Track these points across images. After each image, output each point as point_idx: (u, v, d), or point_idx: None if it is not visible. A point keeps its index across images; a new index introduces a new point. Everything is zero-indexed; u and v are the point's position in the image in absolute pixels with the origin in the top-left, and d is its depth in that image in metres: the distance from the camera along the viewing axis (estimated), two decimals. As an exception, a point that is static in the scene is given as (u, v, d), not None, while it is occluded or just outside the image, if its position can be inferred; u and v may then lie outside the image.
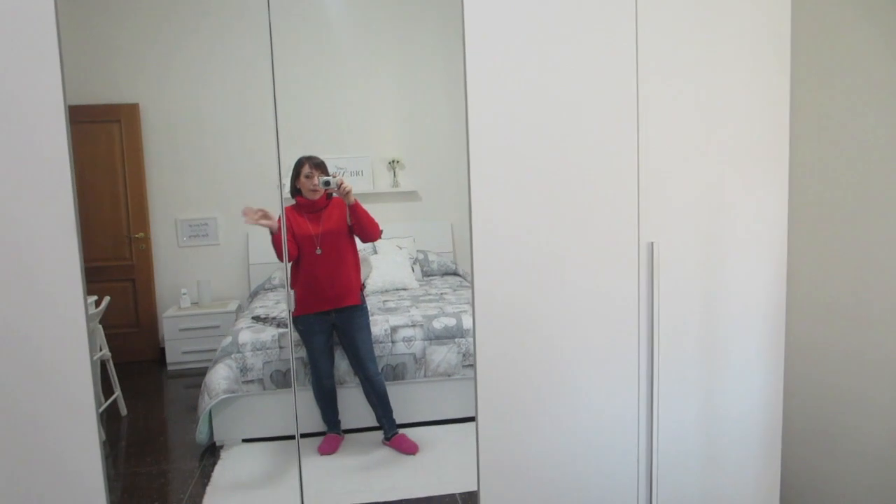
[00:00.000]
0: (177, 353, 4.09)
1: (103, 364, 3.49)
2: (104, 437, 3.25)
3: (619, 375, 2.05)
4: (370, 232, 3.08)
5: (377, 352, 3.30)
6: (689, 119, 2.01)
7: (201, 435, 3.24)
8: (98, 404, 1.81)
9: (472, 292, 1.94)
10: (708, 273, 2.08)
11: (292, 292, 2.68)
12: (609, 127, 1.96)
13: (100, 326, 3.41)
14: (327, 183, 2.93)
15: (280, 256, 2.78)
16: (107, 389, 3.53)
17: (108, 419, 3.56)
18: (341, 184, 2.95)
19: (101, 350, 3.45)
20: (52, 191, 1.72)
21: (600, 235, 1.99)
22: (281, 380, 3.28)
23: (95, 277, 1.73)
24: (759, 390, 2.16)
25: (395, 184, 4.63)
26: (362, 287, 3.26)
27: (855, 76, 2.08)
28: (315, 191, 3.00)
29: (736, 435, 2.16)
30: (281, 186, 2.68)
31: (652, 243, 2.01)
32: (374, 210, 3.13)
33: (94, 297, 3.34)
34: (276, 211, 3.06)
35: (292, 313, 2.63)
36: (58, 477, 1.82)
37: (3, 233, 1.72)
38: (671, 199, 2.03)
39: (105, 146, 4.03)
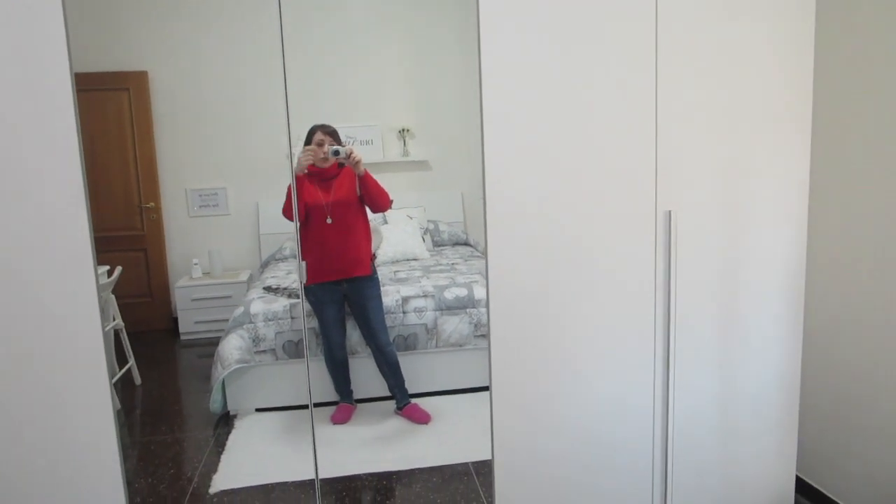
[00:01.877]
0: (189, 323, 4.12)
1: (117, 334, 3.51)
2: (119, 406, 3.29)
3: (635, 347, 2.03)
4: (380, 202, 3.05)
5: (389, 322, 3.29)
6: (709, 85, 1.95)
7: (215, 404, 3.26)
8: (112, 373, 1.81)
9: (486, 264, 1.91)
10: (727, 244, 2.04)
11: (303, 263, 2.66)
12: (626, 94, 1.91)
13: (112, 296, 3.42)
14: (337, 152, 2.89)
15: (290, 218, 2.75)
16: (121, 359, 3.55)
17: (123, 388, 3.59)
18: (351, 153, 2.91)
19: (114, 320, 3.46)
20: (60, 159, 1.70)
21: (616, 204, 1.95)
22: (293, 350, 3.29)
23: (107, 247, 1.72)
24: (777, 365, 2.14)
25: (406, 153, 4.59)
26: (373, 257, 3.25)
27: (880, 40, 2.01)
28: (326, 159, 2.96)
29: (753, 409, 2.14)
30: (291, 156, 2.64)
31: (669, 212, 1.97)
32: (384, 179, 3.10)
33: (107, 267, 3.35)
34: (286, 181, 3.03)
35: (303, 283, 2.61)
36: (73, 445, 1.83)
37: (12, 204, 1.71)
38: (689, 167, 1.98)
39: (114, 115, 4.00)
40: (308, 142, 3.03)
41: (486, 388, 2.00)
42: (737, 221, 2.03)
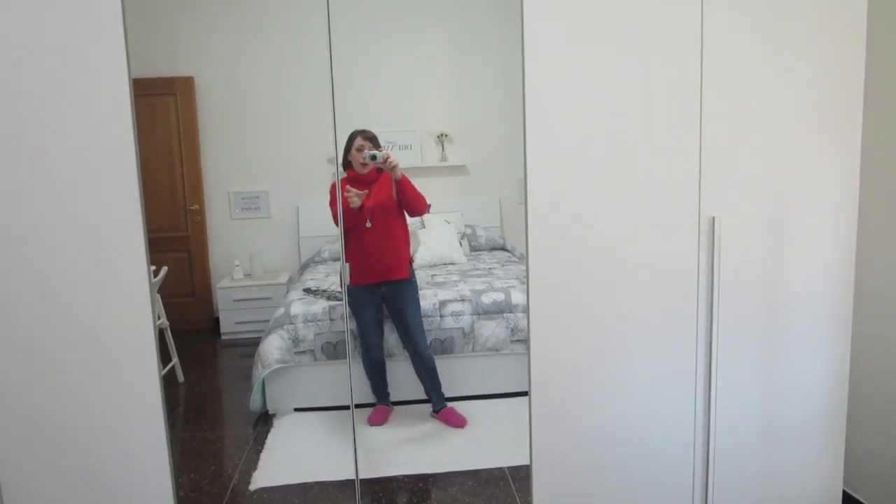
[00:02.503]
0: (230, 323, 4.19)
1: (161, 332, 3.60)
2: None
3: (678, 354, 2.01)
4: (416, 206, 3.08)
5: (426, 325, 3.31)
6: (755, 87, 1.92)
7: (255, 403, 3.32)
8: (159, 370, 1.87)
9: (527, 269, 1.91)
10: (772, 249, 2.01)
11: (347, 265, 2.70)
12: (670, 96, 1.89)
13: (158, 296, 3.51)
14: (374, 157, 2.93)
15: (337, 223, 2.80)
16: (164, 357, 3.64)
17: (166, 386, 3.65)
18: (387, 158, 2.94)
19: (159, 318, 3.55)
20: (118, 163, 1.76)
21: (659, 210, 1.94)
22: (331, 351, 3.33)
23: (153, 248, 1.78)
24: (824, 374, 2.09)
25: (444, 158, 4.61)
26: (411, 261, 3.27)
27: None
28: (364, 164, 3.00)
29: (798, 420, 2.10)
30: (338, 162, 2.69)
31: (713, 217, 1.95)
32: (422, 184, 3.12)
33: (153, 268, 3.43)
34: (326, 184, 3.07)
35: (346, 284, 2.65)
36: (123, 438, 1.89)
37: (70, 205, 1.77)
38: (734, 172, 1.96)
39: (161, 119, 4.11)
40: (348, 147, 3.08)
41: (522, 394, 2.01)
42: (783, 226, 2.00)
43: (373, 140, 3.05)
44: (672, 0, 1.85)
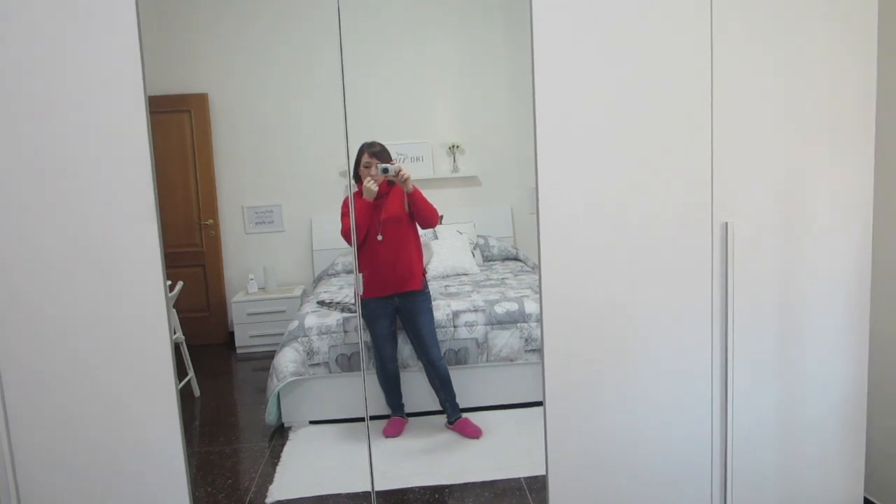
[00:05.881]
0: (245, 337, 4.22)
1: (177, 346, 3.63)
2: (179, 417, 3.38)
3: (693, 361, 2.00)
4: (428, 218, 3.09)
5: (440, 336, 3.31)
6: (767, 92, 1.92)
7: (270, 416, 3.33)
8: (176, 384, 1.89)
9: (539, 279, 1.91)
10: (787, 253, 1.99)
11: (360, 276, 2.71)
12: (681, 102, 1.90)
13: (174, 310, 3.55)
14: (385, 170, 2.94)
15: (349, 241, 2.82)
16: (180, 371, 3.67)
17: (182, 400, 3.68)
18: (399, 171, 2.95)
19: (175, 333, 3.58)
20: (135, 179, 1.79)
21: (672, 216, 1.94)
22: (346, 363, 3.34)
23: (169, 263, 1.81)
24: (843, 380, 2.07)
25: (455, 169, 4.63)
26: (424, 272, 3.28)
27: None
28: (374, 182, 3.02)
29: (817, 426, 2.08)
30: (350, 176, 2.70)
31: (727, 223, 1.94)
32: (434, 195, 3.14)
33: (169, 282, 3.47)
34: (339, 197, 3.09)
35: (359, 295, 2.67)
36: (141, 452, 1.90)
37: (88, 220, 1.80)
38: (747, 178, 1.95)
39: (176, 135, 4.17)
40: (358, 160, 3.10)
41: (537, 404, 2.00)
42: (797, 230, 1.99)
43: (380, 154, 3.05)
44: (682, 6, 1.86)
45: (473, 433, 3.16)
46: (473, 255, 4.37)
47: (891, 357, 2.22)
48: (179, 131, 4.18)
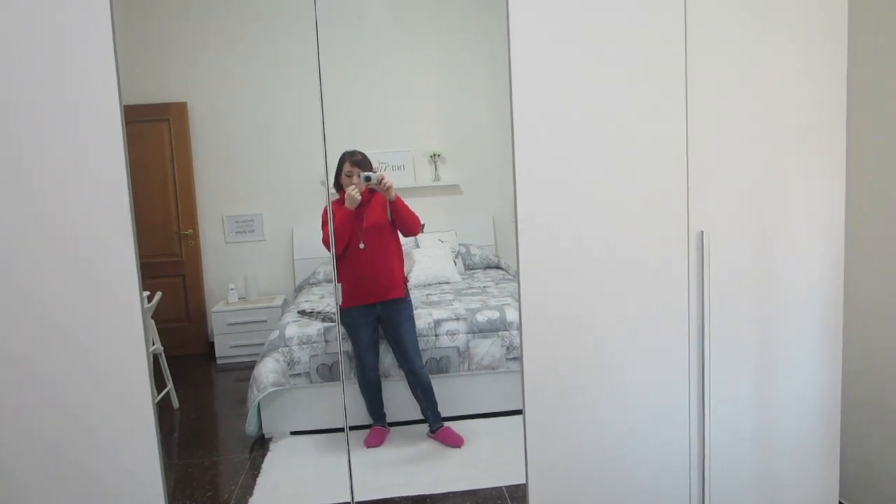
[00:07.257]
0: (225, 348, 4.18)
1: (156, 358, 3.58)
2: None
3: (669, 366, 2.02)
4: (411, 226, 3.09)
5: (421, 345, 3.31)
6: (741, 104, 1.95)
7: (250, 427, 3.30)
8: (153, 397, 1.87)
9: (518, 287, 1.92)
10: (762, 262, 2.02)
11: (339, 286, 2.70)
12: (657, 114, 1.92)
13: (152, 321, 3.51)
14: (368, 179, 2.94)
15: (329, 248, 2.81)
16: (159, 383, 3.62)
17: (161, 412, 3.65)
18: (382, 179, 2.95)
19: (153, 344, 3.54)
20: (109, 189, 1.77)
21: (648, 225, 1.96)
22: (327, 373, 3.32)
23: (147, 273, 1.78)
24: (817, 386, 2.10)
25: (437, 177, 4.63)
26: (406, 280, 3.28)
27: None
28: (354, 193, 3.01)
29: (792, 434, 2.11)
30: (328, 186, 2.70)
31: (702, 232, 1.97)
32: (415, 204, 3.14)
33: (147, 293, 3.43)
34: (319, 206, 3.09)
35: (339, 304, 2.66)
36: (117, 467, 1.88)
37: (62, 230, 1.78)
38: (722, 187, 1.98)
39: (155, 144, 4.13)
40: (339, 169, 3.09)
41: (519, 412, 2.00)
42: (772, 239, 2.02)
43: (359, 164, 3.06)
44: (657, 16, 1.88)
45: (455, 442, 3.15)
46: (455, 264, 4.37)
47: (864, 365, 2.25)
48: (158, 140, 4.14)
